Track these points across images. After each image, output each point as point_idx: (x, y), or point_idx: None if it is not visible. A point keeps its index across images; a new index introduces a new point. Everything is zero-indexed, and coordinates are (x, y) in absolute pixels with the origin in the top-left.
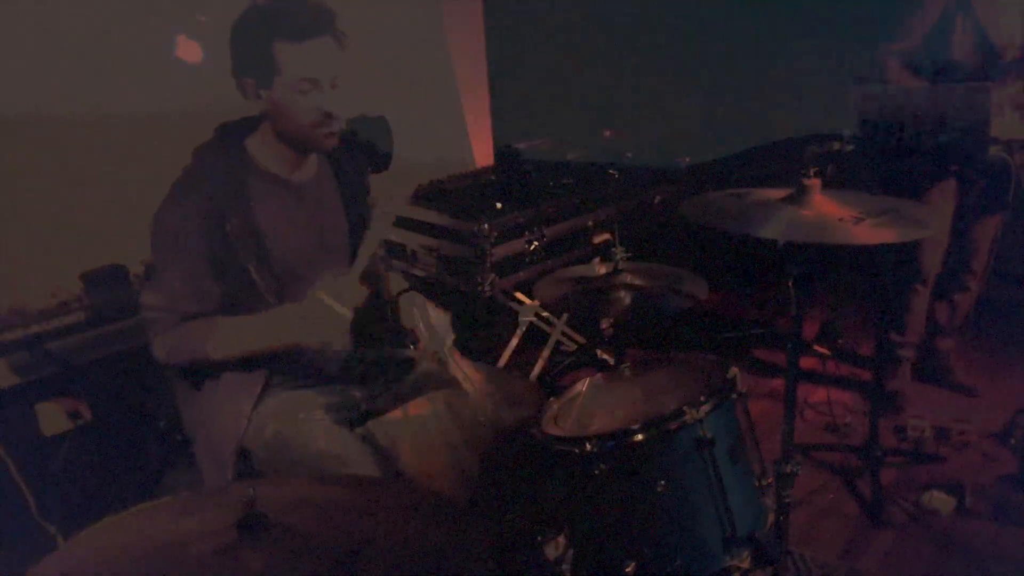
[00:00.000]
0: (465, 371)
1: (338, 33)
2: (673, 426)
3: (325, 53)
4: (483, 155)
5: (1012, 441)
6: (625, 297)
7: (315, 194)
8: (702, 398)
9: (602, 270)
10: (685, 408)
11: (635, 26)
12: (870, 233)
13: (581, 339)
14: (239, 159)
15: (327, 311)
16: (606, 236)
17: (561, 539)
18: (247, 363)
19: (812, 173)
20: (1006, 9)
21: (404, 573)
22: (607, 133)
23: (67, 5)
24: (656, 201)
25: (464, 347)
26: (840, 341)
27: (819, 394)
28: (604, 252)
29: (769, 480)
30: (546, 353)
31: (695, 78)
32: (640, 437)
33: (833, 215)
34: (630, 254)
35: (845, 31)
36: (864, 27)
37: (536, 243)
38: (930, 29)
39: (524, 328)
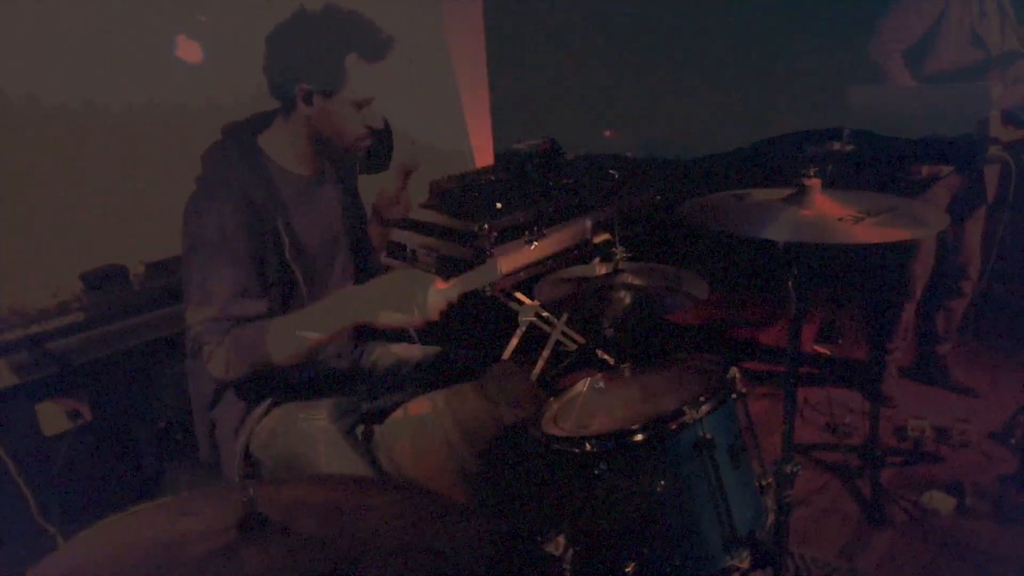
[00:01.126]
0: None
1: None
2: (673, 426)
3: (383, 75)
4: (483, 155)
5: (1012, 441)
6: (625, 297)
7: (325, 190)
8: (702, 398)
9: (602, 270)
10: (685, 408)
11: (635, 26)
12: (870, 232)
13: (581, 339)
14: (258, 158)
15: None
16: (606, 236)
17: (561, 539)
18: (307, 364)
19: (812, 173)
20: (988, 11)
21: (404, 573)
22: (607, 133)
23: (67, 5)
24: (656, 201)
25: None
26: (840, 341)
27: (819, 394)
28: (604, 252)
29: (769, 480)
30: (546, 353)
31: (695, 78)
32: (640, 437)
33: (833, 215)
34: (630, 254)
35: (845, 30)
36: (864, 26)
37: (536, 243)
38: (928, 28)
39: (524, 328)
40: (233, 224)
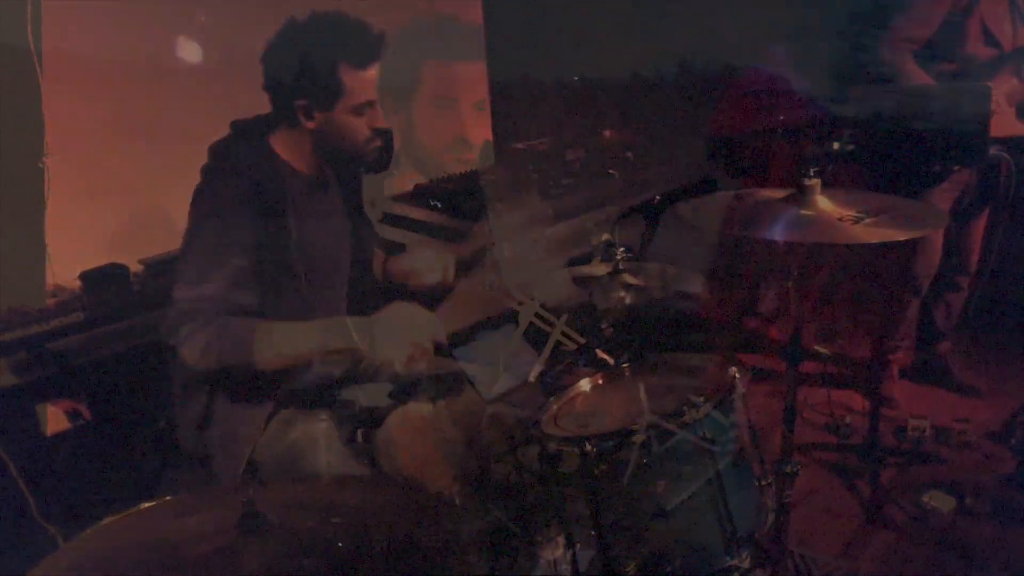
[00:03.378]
0: None
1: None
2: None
3: (377, 74)
4: (482, 155)
5: (1012, 441)
6: (625, 297)
7: (331, 196)
8: (702, 398)
9: (602, 270)
10: (685, 408)
11: (634, 26)
12: (870, 232)
13: (581, 339)
14: (269, 156)
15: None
16: (606, 236)
17: (561, 539)
18: (284, 372)
19: (812, 173)
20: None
21: (403, 573)
22: (606, 133)
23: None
24: (655, 200)
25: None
26: (840, 341)
27: (819, 394)
28: (604, 252)
29: (769, 480)
30: (546, 353)
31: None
32: (640, 437)
33: (833, 215)
34: (630, 254)
35: (849, 28)
36: (870, 23)
37: (536, 243)
38: (939, 26)
39: (524, 328)
40: (237, 212)
